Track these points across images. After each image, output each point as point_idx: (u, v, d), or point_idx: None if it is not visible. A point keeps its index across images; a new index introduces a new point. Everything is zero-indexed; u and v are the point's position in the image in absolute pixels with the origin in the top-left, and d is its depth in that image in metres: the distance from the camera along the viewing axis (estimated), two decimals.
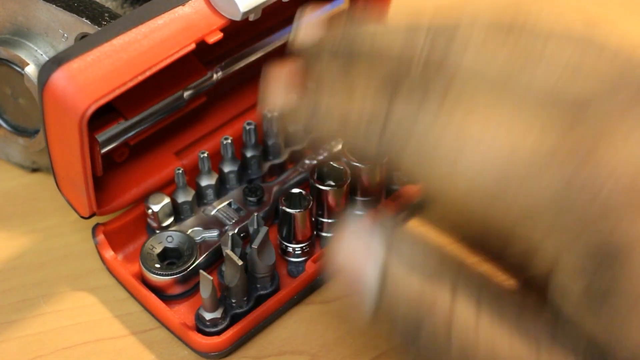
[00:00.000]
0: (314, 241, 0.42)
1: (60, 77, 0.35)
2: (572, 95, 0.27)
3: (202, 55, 0.42)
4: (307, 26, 0.33)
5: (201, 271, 0.37)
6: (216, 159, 0.44)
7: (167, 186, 0.43)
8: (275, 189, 0.44)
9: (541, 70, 0.28)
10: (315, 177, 0.42)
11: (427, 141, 0.28)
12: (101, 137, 0.40)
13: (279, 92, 0.33)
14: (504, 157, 0.27)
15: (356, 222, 0.29)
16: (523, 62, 0.28)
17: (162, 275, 0.40)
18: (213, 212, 0.43)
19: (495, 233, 0.28)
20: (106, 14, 0.39)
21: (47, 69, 0.35)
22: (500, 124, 0.27)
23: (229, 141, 0.43)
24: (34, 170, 0.47)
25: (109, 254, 0.42)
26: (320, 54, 0.33)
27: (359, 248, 0.29)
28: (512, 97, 0.28)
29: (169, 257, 0.41)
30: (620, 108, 0.26)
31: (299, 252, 0.41)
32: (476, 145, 0.27)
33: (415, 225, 0.29)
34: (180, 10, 0.37)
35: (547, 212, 0.26)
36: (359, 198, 0.43)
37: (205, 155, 0.42)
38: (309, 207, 0.41)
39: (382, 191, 0.44)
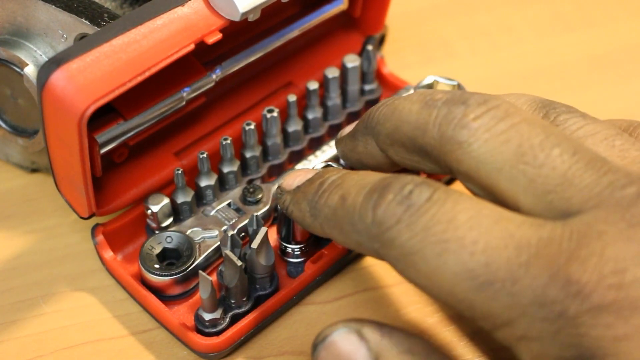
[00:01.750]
0: (313, 242, 0.42)
1: (59, 78, 0.35)
2: (563, 204, 0.28)
3: (202, 55, 0.42)
4: (294, 175, 0.37)
5: (200, 272, 0.37)
6: (215, 159, 0.44)
7: (167, 187, 0.43)
8: (274, 189, 0.44)
9: (544, 173, 0.29)
10: None
11: (415, 231, 0.29)
12: (100, 137, 0.40)
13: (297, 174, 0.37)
14: (490, 252, 0.28)
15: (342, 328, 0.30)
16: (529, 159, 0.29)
17: (161, 275, 0.40)
18: (212, 213, 0.43)
19: (481, 320, 0.29)
20: (105, 15, 0.39)
21: (47, 69, 0.35)
22: (490, 217, 0.28)
23: (228, 141, 0.43)
24: (34, 170, 0.47)
25: (108, 254, 0.42)
26: (299, 202, 0.35)
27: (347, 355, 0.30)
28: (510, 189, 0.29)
29: (168, 258, 0.41)
30: (603, 220, 0.27)
31: (298, 252, 0.41)
32: (464, 239, 0.28)
33: (404, 339, 0.30)
34: (179, 11, 0.37)
35: (525, 314, 0.27)
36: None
37: (205, 155, 0.42)
38: None
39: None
